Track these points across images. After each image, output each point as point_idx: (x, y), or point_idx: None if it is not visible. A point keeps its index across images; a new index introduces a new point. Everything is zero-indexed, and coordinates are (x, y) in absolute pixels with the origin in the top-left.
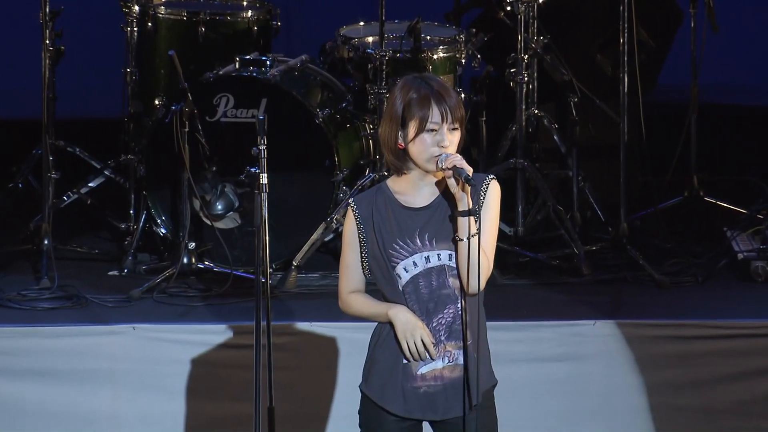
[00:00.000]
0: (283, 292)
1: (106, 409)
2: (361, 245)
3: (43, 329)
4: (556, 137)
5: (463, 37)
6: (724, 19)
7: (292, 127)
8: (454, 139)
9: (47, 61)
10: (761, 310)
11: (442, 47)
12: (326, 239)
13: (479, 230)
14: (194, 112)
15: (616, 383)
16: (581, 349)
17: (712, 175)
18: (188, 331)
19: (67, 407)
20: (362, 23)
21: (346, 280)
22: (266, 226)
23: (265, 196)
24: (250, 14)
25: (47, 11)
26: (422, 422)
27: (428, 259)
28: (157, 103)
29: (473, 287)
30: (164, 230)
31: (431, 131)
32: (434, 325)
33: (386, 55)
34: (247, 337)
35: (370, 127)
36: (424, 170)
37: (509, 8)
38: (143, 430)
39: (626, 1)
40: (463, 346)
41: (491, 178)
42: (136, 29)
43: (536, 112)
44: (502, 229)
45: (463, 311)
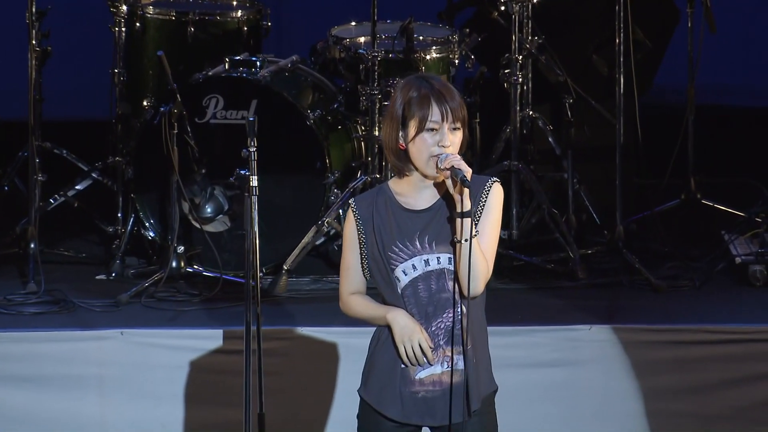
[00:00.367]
0: (273, 296)
1: (93, 415)
2: (360, 246)
3: (29, 334)
4: (551, 139)
5: (456, 37)
6: (721, 18)
7: (282, 128)
8: (455, 139)
9: (34, 61)
10: (759, 314)
11: (435, 48)
12: (317, 243)
13: (478, 232)
14: (183, 113)
15: (612, 389)
16: (577, 354)
17: (709, 177)
18: (177, 336)
19: (54, 414)
20: (354, 23)
21: (346, 281)
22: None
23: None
24: (239, 14)
25: (34, 11)
26: (421, 428)
27: (428, 262)
28: (145, 104)
29: (470, 290)
30: (153, 233)
31: (431, 131)
32: (433, 329)
33: (378, 55)
34: (236, 342)
35: (361, 128)
36: (423, 172)
37: (503, 8)
38: None
39: (622, 0)
40: (462, 351)
41: (493, 180)
42: (124, 29)
43: (531, 113)
44: None
45: (462, 316)
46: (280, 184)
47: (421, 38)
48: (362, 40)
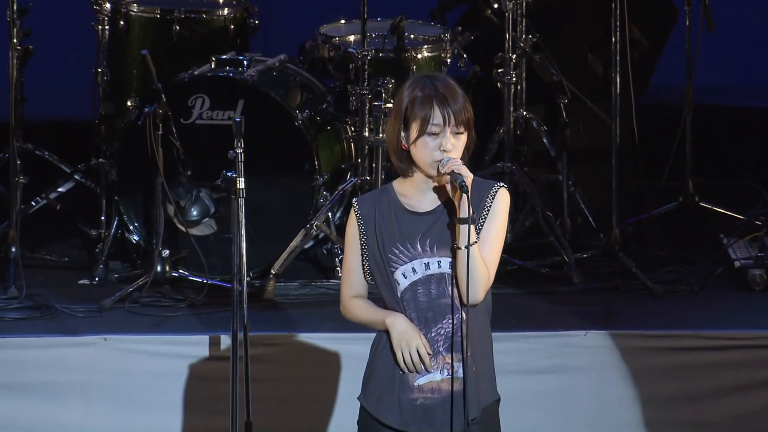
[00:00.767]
0: (260, 301)
1: (76, 423)
2: (362, 248)
3: (10, 340)
4: (545, 140)
5: (448, 35)
6: (720, 16)
7: (270, 129)
8: (458, 143)
9: (15, 60)
10: (759, 320)
11: (426, 46)
12: (306, 246)
13: (479, 239)
14: (168, 113)
15: (607, 396)
16: (571, 360)
17: (707, 179)
18: (162, 342)
19: (35, 422)
20: (343, 21)
21: (347, 284)
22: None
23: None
24: (226, 12)
25: (15, 9)
26: None
27: (428, 265)
28: (129, 104)
29: (469, 297)
30: (137, 237)
31: (433, 134)
32: (433, 335)
33: (368, 54)
34: (223, 348)
35: (351, 129)
36: (426, 174)
37: (496, 5)
38: None
39: None
40: (462, 358)
41: (500, 186)
42: (107, 28)
43: (525, 113)
44: None
45: (462, 323)
46: (267, 186)
47: (412, 37)
48: (352, 38)
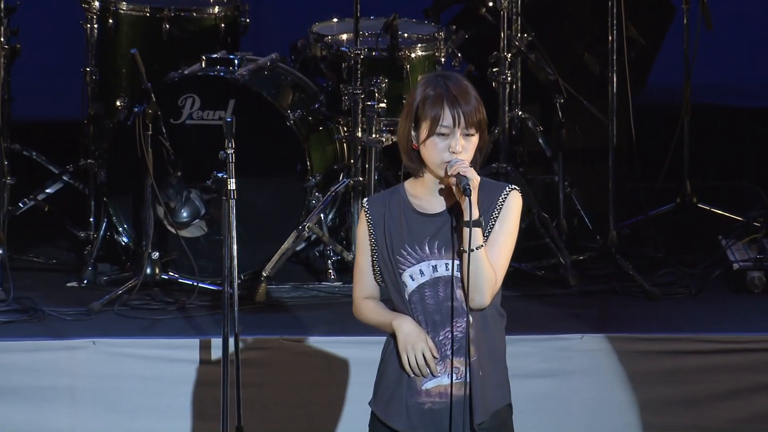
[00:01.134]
0: (251, 304)
1: (64, 428)
2: (372, 248)
3: None
4: (541, 140)
5: (442, 34)
6: (718, 15)
7: (261, 129)
8: (468, 145)
9: (2, 59)
10: (757, 323)
11: (420, 45)
12: (298, 248)
13: (486, 242)
14: (158, 113)
15: (604, 401)
16: (567, 364)
17: (705, 180)
18: (151, 345)
19: (23, 426)
20: (336, 20)
21: (358, 285)
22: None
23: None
24: (217, 10)
25: (2, 7)
26: None
27: (435, 268)
28: (118, 104)
29: (473, 301)
30: (126, 239)
31: (442, 135)
32: (440, 338)
33: (361, 53)
34: (213, 352)
35: (344, 129)
36: (435, 175)
37: (491, 4)
38: None
39: None
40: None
41: (511, 188)
42: (96, 26)
43: (520, 113)
44: None
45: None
46: (258, 187)
47: (405, 35)
48: (344, 37)
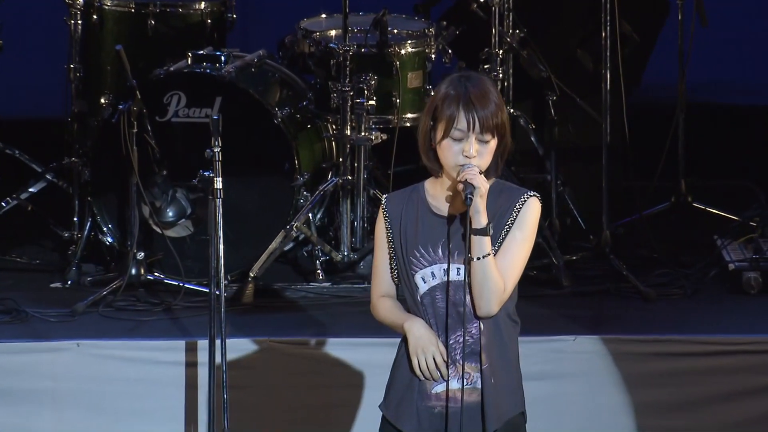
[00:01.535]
0: (239, 305)
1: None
2: (389, 246)
3: None
4: (533, 138)
5: (433, 30)
6: (713, 11)
7: (248, 127)
8: (483, 150)
9: None
10: (754, 324)
11: (410, 41)
12: (285, 248)
13: (496, 251)
14: (143, 111)
15: (598, 404)
16: (560, 366)
17: (701, 179)
18: (136, 347)
19: (5, 429)
20: (324, 16)
21: (376, 283)
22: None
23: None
24: (203, 6)
25: None
26: None
27: (447, 271)
28: (103, 101)
29: (479, 310)
30: (111, 239)
31: (456, 139)
32: (451, 342)
33: (350, 49)
34: (200, 354)
35: (332, 127)
36: (449, 177)
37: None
38: None
39: None
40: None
41: (530, 194)
42: (80, 22)
43: (512, 111)
44: None
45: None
46: (246, 186)
47: (395, 31)
48: (333, 33)
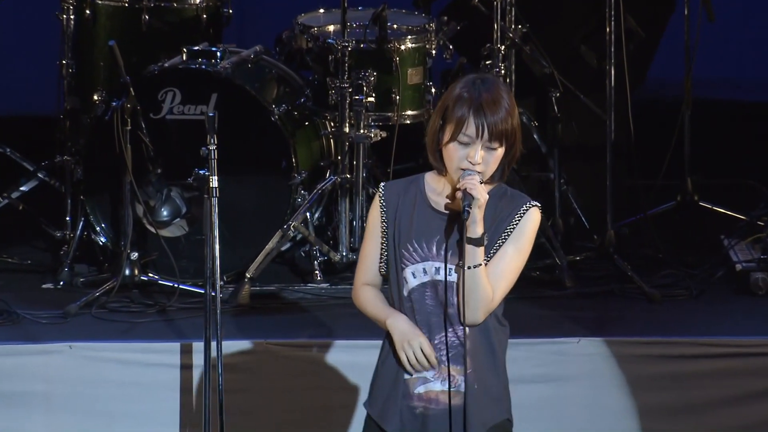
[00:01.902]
0: (235, 306)
1: None
2: (382, 235)
3: None
4: (536, 136)
5: (433, 25)
6: (720, 6)
7: (245, 125)
8: (489, 158)
9: None
10: (761, 326)
11: (410, 37)
12: (283, 249)
13: (491, 256)
14: (137, 108)
15: (602, 406)
16: (564, 369)
17: (707, 177)
18: (130, 349)
19: None
20: (322, 11)
21: (360, 270)
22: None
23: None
24: (198, 1)
25: None
26: None
27: (438, 270)
28: (96, 98)
29: (466, 318)
30: (104, 239)
31: (463, 143)
32: (436, 342)
33: (349, 45)
34: (195, 356)
35: (331, 125)
36: (453, 178)
37: None
38: None
39: None
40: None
41: (532, 204)
42: (72, 17)
43: None
44: None
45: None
46: (242, 185)
47: (395, 27)
48: (331, 28)
